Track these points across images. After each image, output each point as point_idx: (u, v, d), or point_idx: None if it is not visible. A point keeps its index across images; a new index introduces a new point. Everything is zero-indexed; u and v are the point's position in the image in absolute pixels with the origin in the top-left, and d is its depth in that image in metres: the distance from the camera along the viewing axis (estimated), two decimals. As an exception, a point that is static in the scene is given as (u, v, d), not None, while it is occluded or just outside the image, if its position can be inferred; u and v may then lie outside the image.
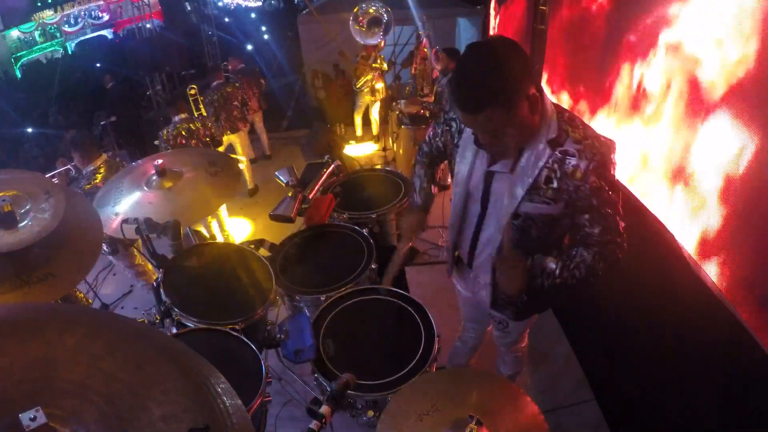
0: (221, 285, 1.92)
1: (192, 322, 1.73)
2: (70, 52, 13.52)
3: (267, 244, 2.25)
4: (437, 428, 1.20)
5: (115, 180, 2.16)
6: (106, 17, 14.17)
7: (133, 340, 0.91)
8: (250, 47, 9.95)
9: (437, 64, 4.96)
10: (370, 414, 1.53)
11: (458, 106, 1.27)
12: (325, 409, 1.18)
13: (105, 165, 3.00)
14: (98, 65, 9.79)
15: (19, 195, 1.46)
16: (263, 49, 10.30)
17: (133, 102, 7.40)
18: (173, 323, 1.80)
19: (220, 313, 1.77)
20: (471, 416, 1.15)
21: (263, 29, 11.28)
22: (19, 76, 12.16)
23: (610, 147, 1.32)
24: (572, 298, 2.32)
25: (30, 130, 7.32)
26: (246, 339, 1.66)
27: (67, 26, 13.66)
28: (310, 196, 2.29)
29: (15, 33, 12.75)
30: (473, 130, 1.38)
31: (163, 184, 2.03)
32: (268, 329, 1.82)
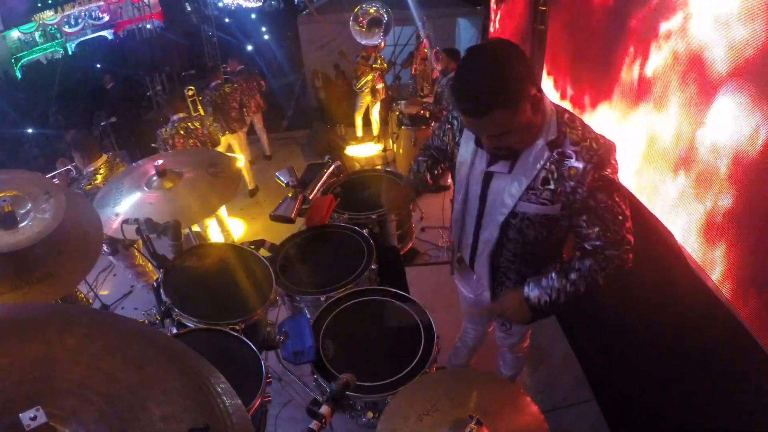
0: (221, 285, 1.92)
1: (192, 322, 1.73)
2: (70, 53, 13.54)
3: (267, 244, 2.25)
4: (437, 428, 1.20)
5: (115, 180, 2.17)
6: (107, 18, 14.18)
7: (133, 340, 0.92)
8: (250, 48, 9.96)
9: (437, 65, 4.97)
10: (369, 415, 1.53)
11: (460, 109, 1.27)
12: (325, 409, 1.18)
13: (105, 165, 3.01)
14: (98, 66, 9.80)
15: (20, 195, 1.46)
16: (263, 49, 10.31)
17: (134, 102, 7.41)
18: (173, 323, 1.80)
19: (220, 313, 1.77)
20: (471, 416, 1.15)
21: (263, 30, 11.29)
22: (20, 77, 12.17)
23: (609, 148, 1.31)
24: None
25: (30, 131, 7.33)
26: (246, 339, 1.66)
27: (67, 27, 13.67)
28: (311, 197, 2.29)
29: (15, 33, 12.76)
30: (476, 132, 1.37)
31: (164, 185, 2.03)
32: (267, 331, 1.82)
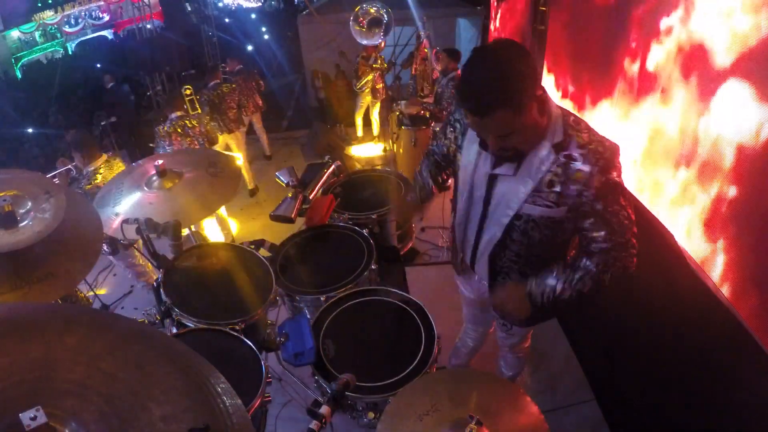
0: (221, 285, 1.92)
1: (192, 322, 1.73)
2: (70, 53, 13.52)
3: (267, 244, 2.25)
4: (437, 428, 1.20)
5: (115, 180, 2.16)
6: (107, 18, 14.17)
7: (133, 340, 0.91)
8: (250, 48, 9.96)
9: (437, 65, 4.97)
10: (370, 416, 1.53)
11: (466, 110, 1.25)
12: (325, 409, 1.18)
13: (105, 165, 3.01)
14: (98, 65, 9.79)
15: (20, 195, 1.46)
16: (263, 49, 10.30)
17: (134, 102, 7.40)
18: (173, 323, 1.80)
19: (220, 313, 1.77)
20: (471, 416, 1.15)
21: (263, 30, 11.28)
22: (20, 77, 12.16)
23: (614, 151, 1.30)
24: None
25: (30, 130, 7.32)
26: (246, 339, 1.66)
27: (67, 27, 13.66)
28: (311, 197, 2.29)
29: (15, 33, 12.74)
30: (481, 133, 1.35)
31: (164, 185, 2.03)
32: (267, 332, 1.82)
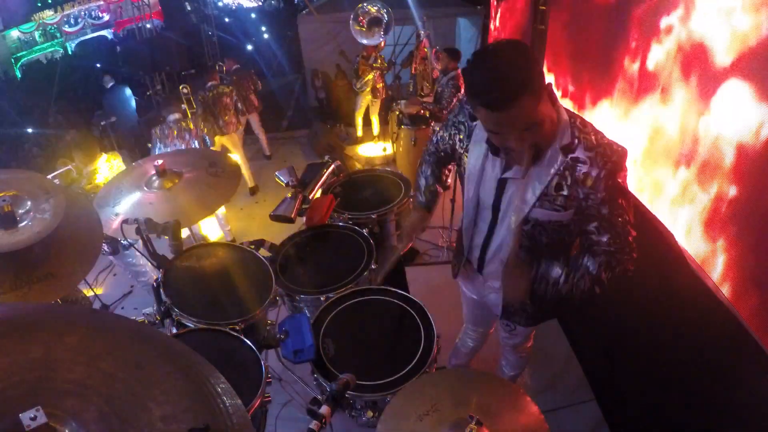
0: (221, 285, 1.92)
1: (192, 322, 1.73)
2: (70, 53, 13.51)
3: (267, 244, 2.25)
4: (437, 428, 1.20)
5: (115, 180, 2.16)
6: (106, 17, 14.14)
7: (133, 340, 0.92)
8: (250, 47, 9.95)
9: (437, 64, 4.97)
10: (369, 414, 1.53)
11: (486, 105, 1.18)
12: (324, 409, 1.18)
13: (105, 165, 3.01)
14: (98, 65, 9.78)
15: (19, 195, 1.46)
16: (263, 48, 10.30)
17: (135, 110, 7.38)
18: (173, 323, 1.80)
19: (220, 313, 1.77)
20: (471, 416, 1.15)
21: (263, 29, 11.28)
22: (19, 76, 12.15)
23: (622, 155, 1.29)
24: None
25: (30, 130, 7.31)
26: (246, 339, 1.66)
27: (67, 26, 13.64)
28: (311, 197, 2.29)
29: (15, 33, 12.73)
30: (503, 129, 1.24)
31: (164, 185, 2.03)
32: (267, 330, 1.82)
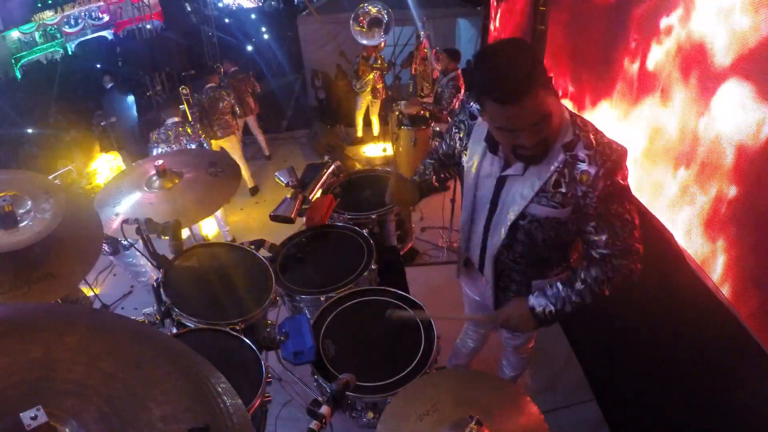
0: (221, 285, 1.92)
1: (192, 322, 1.73)
2: (70, 53, 13.52)
3: (267, 244, 2.24)
4: (437, 428, 1.20)
5: (115, 180, 2.16)
6: (106, 18, 14.15)
7: (133, 340, 0.92)
8: (250, 48, 9.97)
9: (437, 65, 4.98)
10: (370, 416, 1.53)
11: (499, 99, 1.17)
12: (325, 409, 1.18)
13: (105, 165, 3.01)
14: (98, 66, 9.79)
15: (19, 195, 1.46)
16: (263, 49, 10.31)
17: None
18: (173, 323, 1.80)
19: (220, 313, 1.77)
20: (471, 416, 1.15)
21: (263, 30, 11.28)
22: (19, 77, 12.16)
23: (621, 154, 1.29)
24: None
25: (30, 131, 7.31)
26: (246, 339, 1.66)
27: (67, 27, 13.64)
28: (311, 197, 2.29)
29: (15, 34, 12.73)
30: (515, 125, 1.22)
31: (164, 185, 2.03)
32: (267, 331, 1.82)
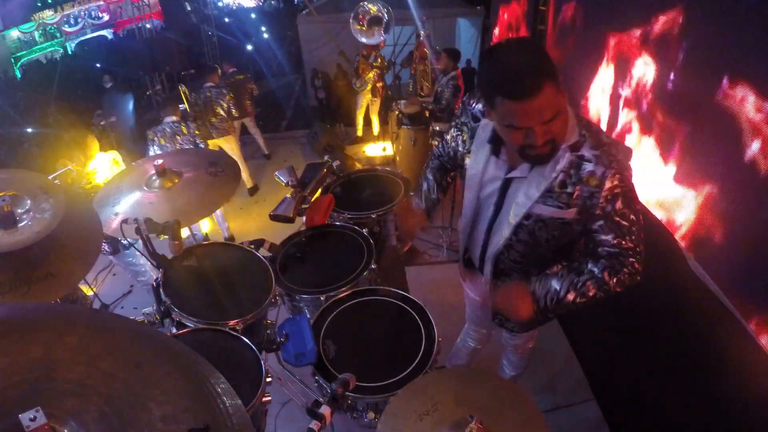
0: (221, 285, 1.92)
1: (192, 322, 1.73)
2: (69, 53, 13.52)
3: (267, 244, 2.24)
4: (437, 428, 1.20)
5: (115, 180, 2.16)
6: (106, 17, 14.16)
7: (133, 340, 0.91)
8: (250, 47, 9.97)
9: (438, 64, 4.97)
10: (371, 416, 1.53)
11: (512, 95, 1.16)
12: (325, 409, 1.18)
13: (104, 165, 3.01)
14: (98, 65, 9.80)
15: (19, 195, 1.46)
16: (263, 49, 10.31)
17: (133, 102, 7.39)
18: (173, 323, 1.80)
19: (220, 313, 1.77)
20: (471, 416, 1.15)
21: (263, 29, 11.28)
22: (19, 76, 12.16)
23: (627, 154, 1.30)
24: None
25: (30, 130, 7.32)
26: (246, 339, 1.65)
27: (67, 26, 13.65)
28: (310, 197, 2.29)
29: (15, 33, 12.74)
30: (525, 122, 1.20)
31: (163, 185, 2.02)
32: (267, 333, 1.82)
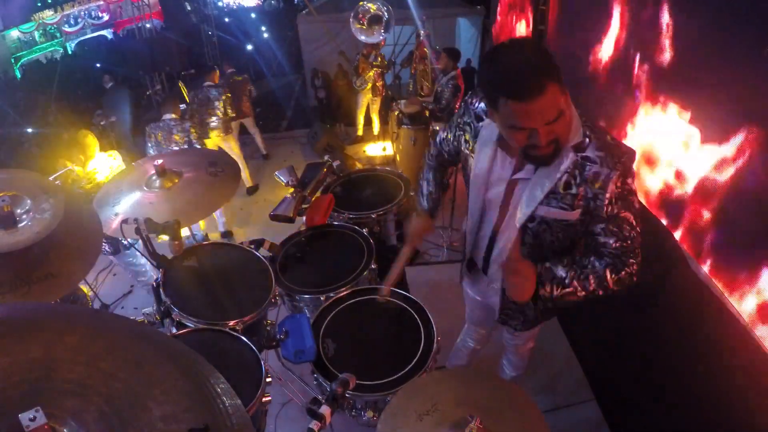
0: (221, 285, 1.92)
1: (192, 322, 1.73)
2: (69, 52, 13.52)
3: (267, 244, 2.25)
4: (437, 428, 1.20)
5: (114, 180, 2.16)
6: (106, 17, 14.15)
7: (133, 340, 0.91)
8: (250, 47, 9.97)
9: (438, 64, 4.97)
10: (370, 414, 1.53)
11: (515, 95, 1.14)
12: (324, 409, 1.18)
13: (105, 164, 3.01)
14: (98, 65, 9.80)
15: (19, 195, 1.46)
16: (263, 48, 10.31)
17: (133, 102, 7.39)
18: (173, 323, 1.80)
19: (220, 313, 1.77)
20: (471, 416, 1.15)
21: (263, 29, 11.28)
22: (19, 76, 12.16)
23: (631, 156, 1.27)
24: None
25: (30, 130, 7.32)
26: (246, 339, 1.66)
27: (67, 26, 13.65)
28: (310, 197, 2.29)
29: (15, 33, 12.74)
30: (529, 123, 1.19)
31: (163, 185, 2.03)
32: (267, 329, 1.82)
